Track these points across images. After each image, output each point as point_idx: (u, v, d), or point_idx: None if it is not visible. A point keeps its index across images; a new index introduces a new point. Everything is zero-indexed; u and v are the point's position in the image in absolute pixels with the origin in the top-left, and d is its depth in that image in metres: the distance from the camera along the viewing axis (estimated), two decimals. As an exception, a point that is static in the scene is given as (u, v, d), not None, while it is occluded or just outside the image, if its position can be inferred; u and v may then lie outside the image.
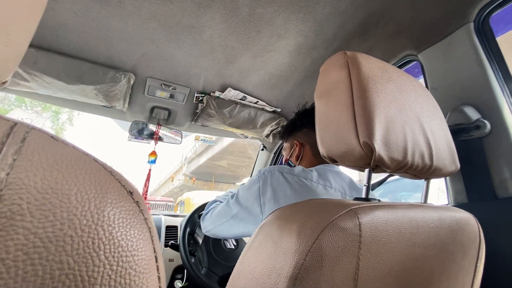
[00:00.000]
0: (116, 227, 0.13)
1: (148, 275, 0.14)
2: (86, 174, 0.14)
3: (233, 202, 0.74)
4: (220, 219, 0.78)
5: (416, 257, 0.39)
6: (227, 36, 0.90)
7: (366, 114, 0.40)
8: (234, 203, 0.73)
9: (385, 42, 0.88)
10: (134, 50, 0.97)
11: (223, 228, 0.78)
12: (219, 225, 0.79)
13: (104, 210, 0.13)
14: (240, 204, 0.72)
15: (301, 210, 0.36)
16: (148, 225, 0.15)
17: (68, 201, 0.12)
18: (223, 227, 0.78)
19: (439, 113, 0.53)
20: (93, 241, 0.12)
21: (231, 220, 0.74)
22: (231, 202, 0.74)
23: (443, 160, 0.48)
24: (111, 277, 0.12)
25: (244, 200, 0.71)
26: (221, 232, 0.81)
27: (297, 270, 0.29)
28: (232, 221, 0.74)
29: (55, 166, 0.13)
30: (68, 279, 0.11)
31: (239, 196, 0.73)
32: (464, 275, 0.47)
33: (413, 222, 0.39)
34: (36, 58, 0.94)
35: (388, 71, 0.47)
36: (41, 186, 0.12)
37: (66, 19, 0.84)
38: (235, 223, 0.74)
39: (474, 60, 0.69)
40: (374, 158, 0.40)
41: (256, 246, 0.36)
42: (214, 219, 0.81)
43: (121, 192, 0.15)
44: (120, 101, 1.19)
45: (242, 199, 0.72)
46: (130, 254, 0.13)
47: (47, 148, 0.14)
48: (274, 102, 1.36)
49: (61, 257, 0.11)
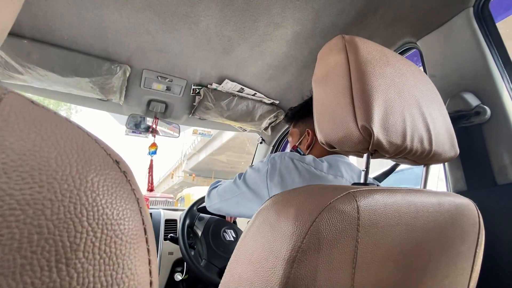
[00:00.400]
0: (100, 194, 0.13)
1: (136, 246, 0.14)
2: (67, 139, 0.13)
3: (240, 182, 0.73)
4: (226, 195, 0.77)
5: (415, 241, 0.38)
6: (223, 25, 0.88)
7: (365, 98, 0.40)
8: (241, 183, 0.73)
9: (383, 30, 0.87)
10: (129, 41, 0.96)
11: (228, 204, 0.77)
12: (225, 201, 0.78)
13: (87, 176, 0.13)
14: (247, 185, 0.71)
15: (298, 194, 0.35)
16: (136, 196, 0.15)
17: (47, 164, 0.12)
18: (229, 203, 0.77)
19: (438, 98, 0.52)
20: (75, 206, 0.12)
21: (238, 197, 0.73)
22: (239, 181, 0.74)
23: (442, 145, 0.47)
24: (95, 244, 0.12)
25: (251, 181, 0.71)
26: (225, 208, 0.80)
27: (294, 253, 0.29)
28: (239, 198, 0.73)
29: (33, 129, 0.12)
30: (48, 244, 0.11)
31: (247, 177, 0.72)
32: (464, 260, 0.47)
33: (412, 206, 0.39)
34: (30, 50, 0.92)
35: (386, 55, 0.46)
36: (17, 147, 0.11)
37: (59, 9, 0.82)
38: (242, 201, 0.73)
39: (473, 46, 0.68)
40: (372, 142, 0.39)
41: (253, 231, 0.35)
42: (220, 194, 0.80)
43: (106, 160, 0.14)
44: (116, 94, 1.17)
45: (250, 181, 0.71)
46: (116, 222, 0.13)
47: (25, 110, 0.13)
48: (272, 94, 1.35)
49: (40, 221, 0.11)
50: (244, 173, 0.74)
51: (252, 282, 0.32)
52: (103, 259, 0.12)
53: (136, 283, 0.13)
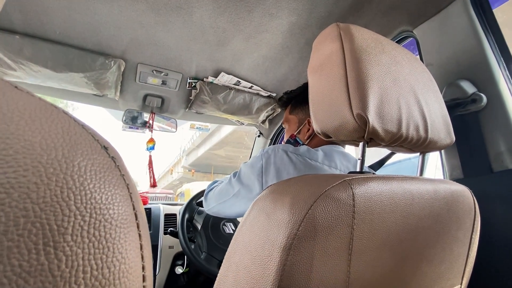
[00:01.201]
0: (88, 178, 0.13)
1: (127, 230, 0.13)
2: (52, 123, 0.13)
3: (235, 181, 0.73)
4: (222, 197, 0.77)
5: (410, 228, 0.39)
6: (218, 16, 0.87)
7: (360, 86, 0.39)
8: (236, 181, 0.72)
9: (380, 19, 0.86)
10: (123, 34, 0.95)
11: (225, 206, 0.77)
12: (221, 203, 0.77)
13: (73, 160, 0.12)
14: (241, 182, 0.71)
15: (294, 183, 0.35)
16: (126, 181, 0.15)
17: (31, 147, 0.12)
18: (225, 205, 0.76)
19: (434, 86, 0.52)
20: (62, 190, 0.12)
21: (233, 198, 0.73)
22: (233, 181, 0.73)
23: (438, 133, 0.47)
24: (83, 228, 0.12)
25: (246, 178, 0.70)
26: (223, 210, 0.79)
27: (290, 240, 0.29)
28: (234, 199, 0.73)
29: (16, 112, 0.12)
30: (35, 227, 0.11)
31: (241, 174, 0.72)
32: (459, 246, 0.47)
33: (408, 193, 0.39)
34: (22, 46, 0.91)
35: (382, 43, 0.45)
36: (0, 130, 0.11)
37: (50, 3, 0.80)
38: (237, 201, 0.72)
39: (470, 33, 0.67)
40: (368, 131, 0.39)
41: (250, 221, 0.36)
42: (216, 196, 0.79)
43: (93, 145, 0.14)
44: (111, 89, 1.16)
45: (244, 177, 0.70)
46: (105, 207, 0.13)
47: (8, 95, 0.13)
48: (269, 87, 1.34)
49: (26, 204, 0.11)
50: (238, 171, 0.74)
51: (250, 270, 0.32)
52: (92, 242, 0.12)
53: (127, 266, 0.13)
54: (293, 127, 0.86)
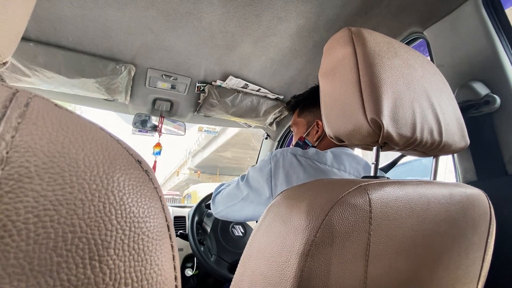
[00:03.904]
0: (126, 193, 0.13)
1: (162, 242, 0.14)
2: (92, 140, 0.13)
3: (243, 184, 0.72)
4: (230, 201, 0.76)
5: (427, 233, 0.38)
6: (227, 21, 0.88)
7: (373, 91, 0.39)
8: (244, 185, 0.71)
9: (389, 20, 0.85)
10: (133, 40, 0.96)
11: (233, 209, 0.76)
12: (230, 207, 0.77)
13: (113, 176, 0.13)
14: (250, 186, 0.70)
15: (309, 189, 0.35)
16: (159, 194, 0.15)
17: (76, 165, 0.12)
18: (234, 208, 0.76)
19: (447, 88, 0.51)
20: (104, 205, 0.12)
21: (241, 202, 0.72)
22: (241, 184, 0.72)
23: (452, 136, 0.47)
24: (124, 241, 0.12)
25: (254, 182, 0.69)
26: (231, 214, 0.78)
27: (308, 247, 0.29)
28: (243, 203, 0.72)
29: (60, 131, 0.13)
30: (82, 242, 0.11)
31: (249, 177, 0.71)
32: (475, 250, 0.47)
33: (423, 198, 0.39)
34: (36, 53, 0.94)
35: (394, 46, 0.45)
36: (47, 149, 0.12)
37: (63, 11, 0.83)
38: (245, 205, 0.72)
39: (482, 33, 0.67)
40: (382, 135, 0.39)
41: (265, 226, 0.36)
42: (224, 200, 0.79)
43: (129, 160, 0.14)
44: (122, 94, 1.18)
45: (253, 181, 0.70)
46: (142, 220, 0.13)
47: (51, 113, 0.13)
48: (276, 89, 1.35)
49: (73, 220, 0.11)
50: (246, 174, 0.73)
51: (266, 276, 0.32)
52: (132, 255, 0.13)
53: (163, 278, 0.14)
54: (302, 129, 0.86)
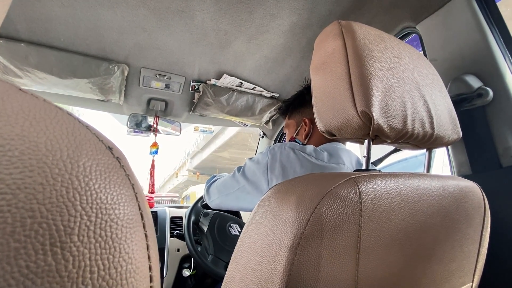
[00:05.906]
0: (93, 178, 0.13)
1: (133, 231, 0.13)
2: (57, 124, 0.13)
3: (239, 175, 0.71)
4: (226, 190, 0.76)
5: (419, 225, 0.38)
6: (219, 19, 0.88)
7: (363, 83, 0.39)
8: (240, 176, 0.71)
9: (381, 16, 0.85)
10: (126, 39, 0.96)
11: (228, 198, 0.76)
12: (225, 196, 0.76)
13: (78, 160, 0.13)
14: (246, 178, 0.69)
15: (300, 182, 0.35)
16: (131, 181, 0.15)
17: (36, 148, 0.12)
18: (229, 197, 0.75)
19: (439, 81, 0.51)
20: (68, 190, 0.12)
21: (237, 191, 0.72)
22: (238, 175, 0.72)
23: (444, 128, 0.47)
24: (89, 228, 0.12)
25: (251, 174, 0.69)
26: (226, 203, 0.78)
27: (297, 240, 0.29)
28: (239, 193, 0.72)
29: (21, 114, 0.12)
30: (41, 228, 0.11)
31: (246, 169, 0.71)
32: (470, 243, 0.47)
33: (416, 190, 0.38)
34: (27, 54, 0.93)
35: (384, 39, 0.45)
36: (5, 132, 0.11)
37: (54, 11, 0.82)
38: (242, 195, 0.71)
39: (474, 27, 0.67)
40: (373, 128, 0.39)
41: (256, 221, 0.35)
42: (220, 189, 0.78)
43: (98, 146, 0.14)
44: (115, 94, 1.17)
45: (249, 173, 0.69)
46: (111, 207, 0.13)
47: (12, 96, 0.13)
48: (271, 87, 1.34)
49: (32, 205, 0.11)
50: (243, 166, 0.73)
51: (257, 271, 0.32)
52: (98, 242, 0.12)
53: (134, 267, 0.13)
54: (292, 130, 0.87)
